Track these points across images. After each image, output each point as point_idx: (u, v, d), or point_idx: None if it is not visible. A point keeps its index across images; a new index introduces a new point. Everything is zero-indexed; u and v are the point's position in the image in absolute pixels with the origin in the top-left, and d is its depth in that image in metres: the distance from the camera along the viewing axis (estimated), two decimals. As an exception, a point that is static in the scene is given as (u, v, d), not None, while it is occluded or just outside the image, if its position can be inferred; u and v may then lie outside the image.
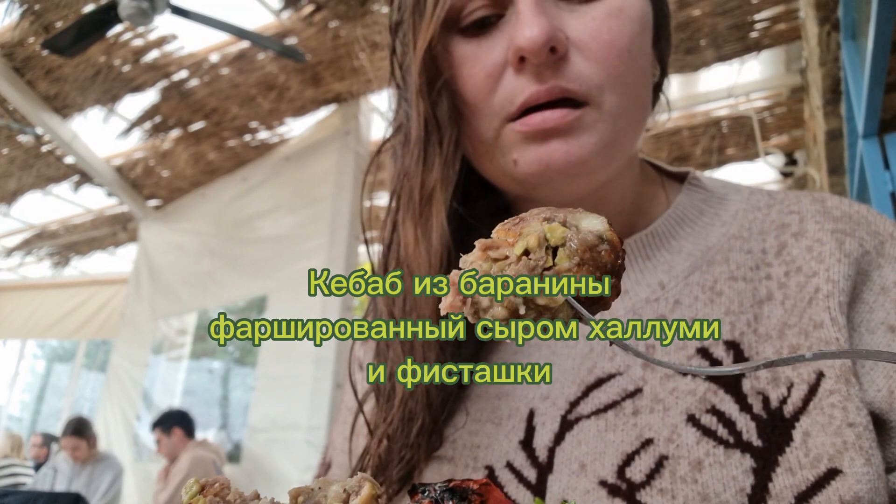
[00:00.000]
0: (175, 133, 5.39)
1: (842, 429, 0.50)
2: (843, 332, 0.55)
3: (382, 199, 0.74)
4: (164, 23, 3.99)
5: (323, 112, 5.13)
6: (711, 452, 0.53)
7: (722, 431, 0.54)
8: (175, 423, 4.60)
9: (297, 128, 5.34)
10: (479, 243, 0.39)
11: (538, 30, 0.56)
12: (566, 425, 0.60)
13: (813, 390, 0.53)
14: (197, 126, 5.29)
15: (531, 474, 0.59)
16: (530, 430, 0.62)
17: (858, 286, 0.60)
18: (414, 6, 0.65)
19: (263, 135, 5.42)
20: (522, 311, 0.38)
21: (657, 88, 0.73)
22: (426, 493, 0.38)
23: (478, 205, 0.72)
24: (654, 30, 0.67)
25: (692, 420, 0.55)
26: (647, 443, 0.56)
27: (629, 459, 0.55)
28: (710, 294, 0.63)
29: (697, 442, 0.54)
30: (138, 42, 4.45)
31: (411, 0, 0.66)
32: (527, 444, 0.61)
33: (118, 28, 4.04)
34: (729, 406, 0.55)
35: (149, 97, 4.97)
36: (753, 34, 3.94)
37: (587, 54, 0.59)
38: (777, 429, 0.53)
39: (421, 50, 0.63)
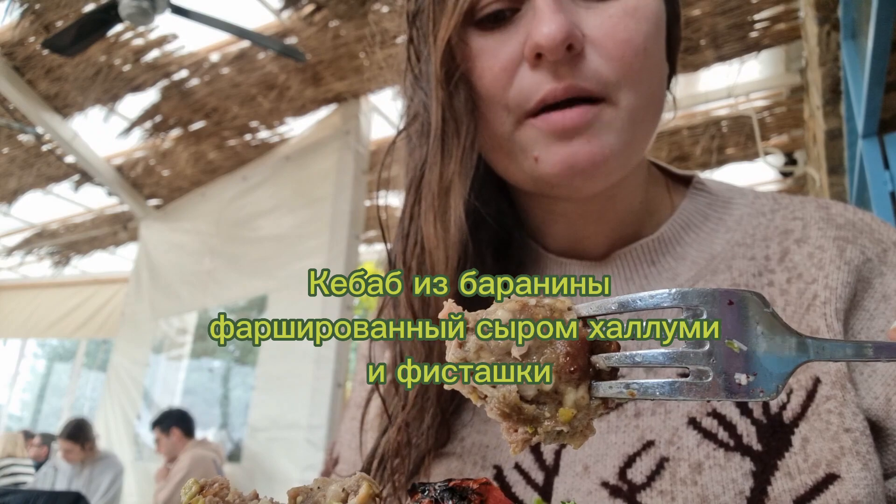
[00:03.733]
0: (175, 132, 5.39)
1: (839, 434, 0.51)
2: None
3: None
4: (164, 22, 3.99)
5: (323, 112, 5.13)
6: (711, 455, 0.53)
7: (722, 434, 0.54)
8: (174, 422, 4.61)
9: (297, 127, 5.34)
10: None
11: (556, 27, 0.56)
12: None
13: (811, 396, 0.54)
14: (197, 125, 5.29)
15: (538, 476, 0.59)
16: None
17: (859, 293, 0.59)
18: None
19: (264, 134, 5.41)
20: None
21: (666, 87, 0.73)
22: (426, 493, 0.38)
23: (486, 198, 0.71)
24: (666, 29, 0.66)
25: (693, 423, 0.55)
26: (649, 445, 0.56)
27: (630, 461, 0.56)
28: None
29: (698, 444, 0.54)
30: (139, 41, 4.44)
31: None
32: (535, 446, 0.61)
33: (118, 27, 4.04)
34: (730, 410, 0.55)
35: (149, 97, 4.96)
36: (753, 34, 3.93)
37: (603, 52, 0.59)
38: (777, 434, 0.53)
39: (442, 41, 0.62)
